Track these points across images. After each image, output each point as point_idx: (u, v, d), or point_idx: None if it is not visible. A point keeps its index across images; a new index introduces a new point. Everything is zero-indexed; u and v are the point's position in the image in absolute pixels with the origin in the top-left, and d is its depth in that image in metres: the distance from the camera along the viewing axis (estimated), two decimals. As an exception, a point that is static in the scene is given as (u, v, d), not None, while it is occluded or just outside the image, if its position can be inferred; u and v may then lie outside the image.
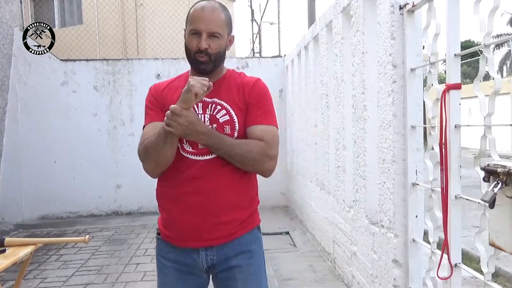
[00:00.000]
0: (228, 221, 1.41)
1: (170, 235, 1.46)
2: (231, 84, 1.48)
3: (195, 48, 1.40)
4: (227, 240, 1.42)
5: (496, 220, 1.46)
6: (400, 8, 2.27)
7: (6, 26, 5.99)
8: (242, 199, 1.45)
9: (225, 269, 1.44)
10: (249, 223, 1.48)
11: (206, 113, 1.42)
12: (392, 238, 2.37)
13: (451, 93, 1.80)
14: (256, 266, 1.48)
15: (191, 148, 1.40)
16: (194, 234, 1.40)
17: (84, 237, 2.46)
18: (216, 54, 1.41)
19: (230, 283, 1.45)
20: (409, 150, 2.27)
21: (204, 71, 1.41)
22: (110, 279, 3.65)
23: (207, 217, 1.39)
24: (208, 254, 1.43)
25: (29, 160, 6.12)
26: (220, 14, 1.41)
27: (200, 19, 1.38)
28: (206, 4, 1.42)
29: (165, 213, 1.47)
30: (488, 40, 1.61)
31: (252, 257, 1.46)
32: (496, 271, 3.09)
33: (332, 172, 3.89)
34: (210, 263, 1.43)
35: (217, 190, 1.39)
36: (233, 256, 1.44)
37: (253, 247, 1.48)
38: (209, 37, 1.38)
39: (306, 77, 4.88)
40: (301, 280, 3.47)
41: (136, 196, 6.25)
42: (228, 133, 1.40)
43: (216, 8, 1.41)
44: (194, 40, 1.40)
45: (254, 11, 10.98)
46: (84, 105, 6.27)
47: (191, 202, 1.39)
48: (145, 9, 9.58)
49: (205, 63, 1.40)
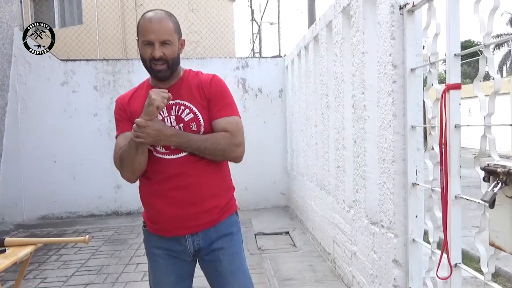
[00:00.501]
0: (209, 208, 1.56)
1: (157, 227, 1.59)
2: (190, 84, 1.59)
3: (149, 57, 1.50)
4: (210, 226, 1.57)
5: (496, 220, 1.46)
6: (400, 8, 2.27)
7: (6, 26, 5.99)
8: (219, 188, 1.61)
9: (210, 252, 1.59)
10: (228, 209, 1.63)
11: (171, 114, 1.54)
12: (392, 238, 2.37)
13: (451, 93, 1.80)
14: (237, 246, 1.65)
15: (164, 149, 1.53)
16: (179, 223, 1.54)
17: (84, 237, 2.46)
18: (172, 59, 1.52)
19: (216, 264, 1.60)
20: (409, 150, 2.27)
21: (163, 77, 1.54)
22: (110, 279, 3.66)
23: (190, 207, 1.53)
24: (194, 240, 1.57)
25: (29, 160, 6.12)
26: (167, 22, 1.52)
27: (150, 30, 1.48)
28: (153, 16, 1.51)
29: (150, 208, 1.61)
30: (488, 40, 1.61)
31: (232, 239, 1.63)
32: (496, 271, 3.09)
33: (332, 172, 3.89)
34: (197, 247, 1.58)
35: (196, 182, 1.53)
36: (216, 239, 1.59)
37: (233, 229, 1.64)
38: (162, 45, 1.49)
39: (306, 77, 4.88)
40: (301, 280, 3.48)
41: (136, 196, 6.06)
42: (194, 130, 1.52)
43: (163, 18, 1.52)
44: (147, 50, 1.50)
45: (254, 11, 10.96)
46: (84, 105, 6.27)
47: (174, 196, 1.52)
48: (145, 9, 9.51)
49: (162, 71, 1.52)
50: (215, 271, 1.61)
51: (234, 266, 1.61)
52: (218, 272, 1.61)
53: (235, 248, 1.63)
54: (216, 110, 1.55)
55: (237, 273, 1.62)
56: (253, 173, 6.31)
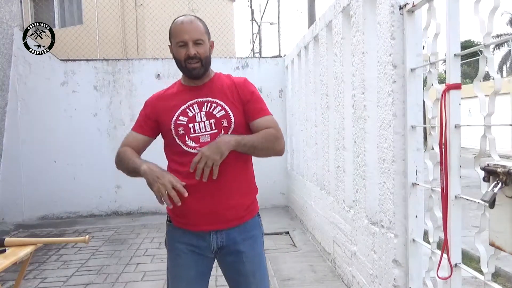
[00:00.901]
0: (234, 205, 1.62)
1: (183, 221, 1.64)
2: (222, 84, 1.67)
3: (184, 56, 1.59)
4: (235, 224, 1.63)
5: (496, 220, 1.46)
6: (400, 8, 2.27)
7: (6, 26, 5.99)
8: (245, 187, 1.67)
9: (233, 253, 1.64)
10: (252, 209, 1.70)
11: (202, 110, 1.62)
12: (392, 238, 2.37)
13: (451, 93, 1.80)
14: (259, 248, 1.71)
15: (194, 143, 1.58)
16: (205, 219, 1.59)
17: (84, 237, 2.46)
18: (205, 58, 1.60)
19: (239, 265, 1.65)
20: (409, 150, 2.27)
21: (197, 75, 1.62)
22: (110, 279, 3.65)
23: (217, 203, 1.58)
24: (218, 237, 1.62)
25: (29, 160, 6.12)
26: (198, 23, 1.61)
27: (183, 31, 1.58)
28: (184, 18, 1.62)
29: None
30: (488, 40, 1.61)
31: (255, 242, 1.69)
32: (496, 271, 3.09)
33: (332, 172, 3.89)
34: (220, 244, 1.63)
35: (224, 179, 1.57)
36: (240, 241, 1.64)
37: (256, 232, 1.70)
38: (195, 44, 1.58)
39: (306, 77, 4.88)
40: (301, 280, 3.47)
41: (136, 196, 6.24)
42: (225, 126, 1.59)
43: (193, 20, 1.62)
44: (182, 50, 1.59)
45: (254, 11, 10.95)
46: (84, 105, 6.27)
47: (201, 191, 1.56)
48: (145, 9, 9.58)
49: (197, 68, 1.60)
50: (236, 271, 1.67)
51: (255, 267, 1.67)
52: (239, 272, 1.66)
53: (258, 251, 1.70)
54: (254, 111, 1.65)
55: (257, 274, 1.68)
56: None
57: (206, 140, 1.58)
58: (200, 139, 1.58)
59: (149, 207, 6.29)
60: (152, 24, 8.36)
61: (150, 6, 9.36)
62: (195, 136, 1.59)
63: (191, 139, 1.59)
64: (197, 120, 1.60)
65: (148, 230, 5.34)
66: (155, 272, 3.75)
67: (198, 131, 1.59)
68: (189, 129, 1.59)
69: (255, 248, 1.69)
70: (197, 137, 1.58)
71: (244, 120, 1.65)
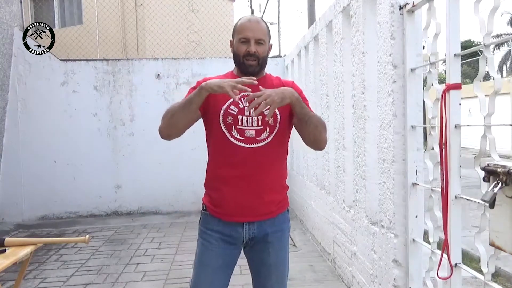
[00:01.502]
0: (268, 201, 1.68)
1: (219, 211, 1.69)
2: (273, 83, 1.74)
3: (244, 52, 1.65)
4: (267, 217, 1.70)
5: (496, 220, 1.46)
6: (400, 8, 2.27)
7: (6, 26, 5.99)
8: (278, 184, 1.73)
9: (262, 243, 1.71)
10: (283, 205, 1.77)
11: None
12: (392, 238, 2.37)
13: (451, 93, 1.80)
14: (285, 242, 1.79)
15: (239, 135, 1.63)
16: (240, 210, 1.66)
17: (84, 237, 2.46)
18: (263, 58, 1.68)
19: (264, 255, 1.73)
20: (409, 150, 2.27)
21: (253, 73, 1.67)
22: (110, 279, 3.65)
23: (252, 197, 1.64)
24: (250, 228, 1.68)
25: (29, 160, 6.12)
26: (263, 25, 1.70)
27: (248, 29, 1.65)
28: (252, 17, 1.72)
29: (214, 192, 1.71)
30: (488, 40, 1.61)
31: (283, 235, 1.76)
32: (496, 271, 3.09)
33: (332, 172, 3.89)
34: (252, 235, 1.69)
35: (261, 174, 1.64)
36: (270, 233, 1.71)
37: (285, 226, 1.77)
38: (256, 43, 1.64)
39: (306, 77, 4.88)
40: (301, 280, 3.47)
41: (136, 196, 6.25)
42: (271, 124, 1.65)
43: (259, 20, 1.71)
44: (243, 46, 1.66)
45: (254, 11, 10.96)
46: (84, 105, 6.27)
47: (239, 184, 1.63)
48: (145, 9, 9.58)
49: (253, 66, 1.66)
50: (261, 261, 1.74)
51: (279, 259, 1.75)
52: (263, 262, 1.73)
53: (284, 244, 1.77)
54: None
55: (280, 265, 1.76)
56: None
57: (251, 135, 1.62)
58: (246, 132, 1.62)
59: (149, 207, 6.30)
60: (152, 24, 8.35)
61: (150, 6, 9.34)
62: (241, 129, 1.62)
63: (237, 131, 1.62)
64: (245, 114, 1.63)
65: (148, 230, 5.34)
66: (155, 272, 3.75)
67: (245, 124, 1.63)
68: (237, 120, 1.63)
69: (282, 241, 1.76)
70: (243, 130, 1.62)
71: (289, 120, 1.69)
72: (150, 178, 6.24)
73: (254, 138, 1.63)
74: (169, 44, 7.84)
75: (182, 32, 7.92)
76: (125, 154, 6.29)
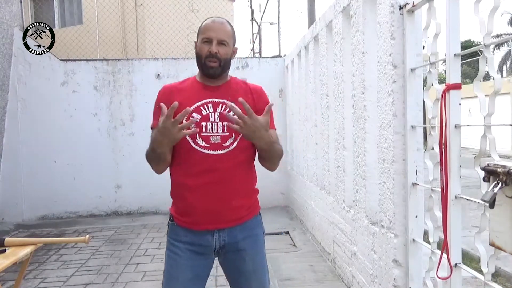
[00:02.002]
0: (238, 206, 1.64)
1: (187, 220, 1.64)
2: (237, 87, 1.69)
3: (206, 53, 1.60)
4: (237, 223, 1.65)
5: (496, 220, 1.46)
6: (400, 8, 2.27)
7: (6, 26, 5.99)
8: (248, 188, 1.69)
9: (235, 251, 1.66)
10: (253, 209, 1.72)
11: (216, 111, 1.62)
12: (392, 238, 2.37)
13: (451, 93, 1.80)
14: (260, 247, 1.73)
15: (204, 142, 1.59)
16: (209, 218, 1.60)
17: (84, 237, 2.46)
18: (225, 59, 1.62)
19: (239, 263, 1.68)
20: (409, 150, 2.27)
21: (213, 75, 1.63)
22: (110, 279, 3.65)
23: (221, 203, 1.60)
24: (220, 236, 1.63)
25: (29, 160, 6.12)
26: (227, 26, 1.65)
27: (211, 29, 1.61)
28: (216, 19, 1.66)
29: (181, 201, 1.65)
30: (488, 40, 1.61)
31: (257, 240, 1.71)
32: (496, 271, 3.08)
33: (332, 172, 3.89)
34: (222, 243, 1.64)
35: (229, 180, 1.60)
36: (242, 239, 1.66)
37: (257, 231, 1.73)
38: (219, 44, 1.60)
39: (306, 77, 4.88)
40: (301, 280, 3.47)
41: (136, 196, 6.25)
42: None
43: (224, 22, 1.66)
44: (205, 47, 1.60)
45: (254, 11, 10.97)
46: (84, 105, 6.27)
47: (206, 191, 1.58)
48: (145, 9, 9.58)
49: (214, 67, 1.61)
50: (237, 270, 1.69)
51: (256, 266, 1.70)
52: (240, 271, 1.68)
53: (258, 249, 1.72)
54: None
55: (258, 271, 1.71)
56: (253, 173, 6.31)
57: (216, 141, 1.58)
58: (211, 139, 1.58)
59: (149, 207, 6.29)
60: (152, 24, 8.36)
61: (150, 6, 9.35)
62: (206, 136, 1.58)
63: (201, 138, 1.58)
64: (210, 120, 1.59)
65: (148, 230, 5.34)
66: (155, 272, 3.75)
67: (210, 131, 1.59)
68: (201, 127, 1.58)
69: (256, 246, 1.70)
70: (208, 137, 1.58)
71: None
72: (150, 178, 6.20)
73: (220, 144, 1.58)
74: (169, 44, 7.84)
75: (182, 32, 7.92)
76: (125, 154, 6.29)
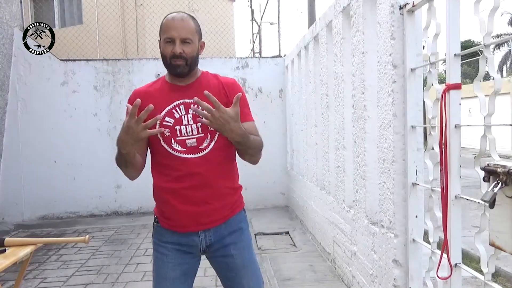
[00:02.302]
0: (221, 206, 1.62)
1: (172, 224, 1.62)
2: (209, 84, 1.63)
3: (170, 53, 1.55)
4: (221, 222, 1.63)
5: (496, 220, 1.46)
6: (400, 8, 2.27)
7: (6, 26, 5.99)
8: (229, 187, 1.66)
9: (221, 247, 1.64)
10: (237, 206, 1.70)
11: (188, 113, 1.58)
12: (392, 238, 2.37)
13: (451, 93, 1.80)
14: (247, 241, 1.71)
15: (180, 147, 1.56)
16: (192, 220, 1.58)
17: (84, 237, 2.46)
18: (191, 58, 1.56)
19: (228, 259, 1.66)
20: (409, 150, 2.27)
21: (181, 74, 1.58)
22: (110, 279, 3.66)
23: (203, 205, 1.58)
24: (206, 235, 1.62)
25: (29, 160, 6.12)
26: (189, 22, 1.57)
27: (172, 28, 1.54)
28: (176, 15, 1.58)
29: (164, 205, 1.63)
30: (488, 40, 1.61)
31: (242, 234, 1.69)
32: (496, 271, 3.09)
33: (332, 172, 3.89)
34: (209, 242, 1.63)
35: (210, 182, 1.57)
36: (227, 234, 1.65)
37: (242, 225, 1.71)
38: (182, 43, 1.54)
39: (306, 77, 4.88)
40: (301, 280, 3.48)
41: (136, 196, 6.24)
42: (212, 130, 1.56)
43: (185, 18, 1.58)
44: (168, 47, 1.55)
45: (254, 11, 10.95)
46: (84, 105, 6.27)
47: (187, 194, 1.56)
48: (145, 9, 9.58)
49: (181, 66, 1.55)
50: (227, 266, 1.67)
51: (245, 260, 1.67)
52: (230, 266, 1.66)
53: (246, 243, 1.70)
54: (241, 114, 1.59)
55: (248, 265, 1.69)
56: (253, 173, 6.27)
57: (192, 144, 1.55)
58: (187, 143, 1.55)
59: (149, 207, 6.28)
60: (152, 24, 8.35)
61: (150, 6, 9.34)
62: (181, 140, 1.55)
63: (177, 142, 1.55)
64: (183, 123, 1.56)
65: (148, 230, 5.34)
66: (155, 272, 3.75)
67: (185, 134, 1.55)
68: (175, 131, 1.55)
69: (243, 240, 1.68)
70: (183, 141, 1.55)
71: None
72: (150, 178, 6.23)
73: (196, 147, 1.55)
74: (169, 44, 7.82)
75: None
76: (125, 154, 6.28)
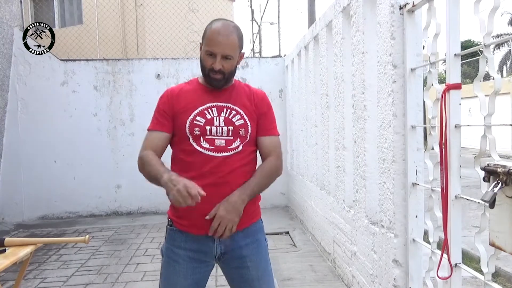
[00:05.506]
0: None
1: (186, 223, 1.59)
2: (240, 91, 1.67)
3: (209, 66, 1.57)
4: (239, 229, 1.58)
5: (496, 220, 1.46)
6: (400, 8, 2.27)
7: (6, 26, 5.99)
8: None
9: (237, 258, 1.62)
10: (255, 214, 1.69)
11: (220, 115, 1.60)
12: (392, 238, 2.37)
13: (451, 93, 1.80)
14: (264, 253, 1.69)
15: (209, 145, 1.57)
16: (209, 221, 1.53)
17: (84, 237, 2.46)
18: (229, 72, 1.59)
19: (243, 271, 1.63)
20: (409, 150, 2.27)
21: (217, 86, 1.62)
22: (110, 279, 3.65)
23: None
24: (221, 241, 1.59)
25: (29, 160, 6.12)
26: (233, 38, 1.56)
27: (216, 43, 1.54)
28: (221, 28, 1.55)
29: None
30: (488, 40, 1.61)
31: (260, 246, 1.67)
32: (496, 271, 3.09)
33: (332, 172, 3.89)
34: (224, 250, 1.60)
35: (232, 183, 1.56)
36: (244, 245, 1.62)
37: (259, 236, 1.69)
38: (223, 58, 1.55)
39: (306, 77, 4.88)
40: (301, 280, 3.47)
41: (136, 196, 6.24)
42: (242, 136, 1.60)
43: (230, 33, 1.56)
44: (209, 60, 1.57)
45: (254, 11, 10.95)
46: (84, 105, 6.27)
47: (208, 193, 1.47)
48: (145, 9, 9.57)
49: (218, 79, 1.58)
50: (241, 277, 1.65)
51: (260, 271, 1.65)
52: (244, 278, 1.64)
53: (262, 255, 1.68)
54: (265, 127, 1.68)
55: (263, 277, 1.66)
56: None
57: (221, 144, 1.57)
58: (215, 142, 1.57)
59: (149, 207, 6.29)
60: (152, 24, 8.35)
61: (150, 6, 9.34)
62: (211, 138, 1.57)
63: (206, 141, 1.57)
64: (215, 124, 1.58)
65: (148, 230, 5.34)
66: (155, 272, 3.75)
67: (215, 134, 1.57)
68: (205, 130, 1.57)
69: (260, 253, 1.66)
70: (213, 140, 1.57)
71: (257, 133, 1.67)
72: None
73: (224, 147, 1.57)
74: (169, 44, 7.83)
75: (182, 32, 7.92)
76: (125, 154, 6.29)
